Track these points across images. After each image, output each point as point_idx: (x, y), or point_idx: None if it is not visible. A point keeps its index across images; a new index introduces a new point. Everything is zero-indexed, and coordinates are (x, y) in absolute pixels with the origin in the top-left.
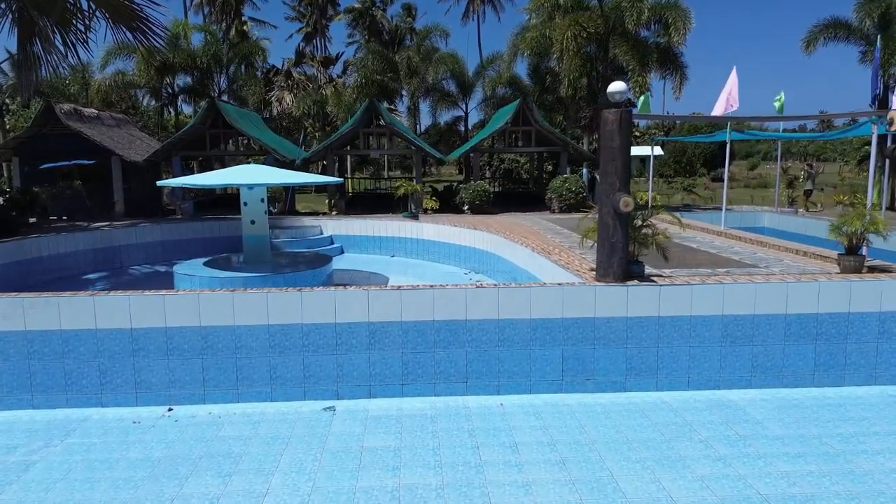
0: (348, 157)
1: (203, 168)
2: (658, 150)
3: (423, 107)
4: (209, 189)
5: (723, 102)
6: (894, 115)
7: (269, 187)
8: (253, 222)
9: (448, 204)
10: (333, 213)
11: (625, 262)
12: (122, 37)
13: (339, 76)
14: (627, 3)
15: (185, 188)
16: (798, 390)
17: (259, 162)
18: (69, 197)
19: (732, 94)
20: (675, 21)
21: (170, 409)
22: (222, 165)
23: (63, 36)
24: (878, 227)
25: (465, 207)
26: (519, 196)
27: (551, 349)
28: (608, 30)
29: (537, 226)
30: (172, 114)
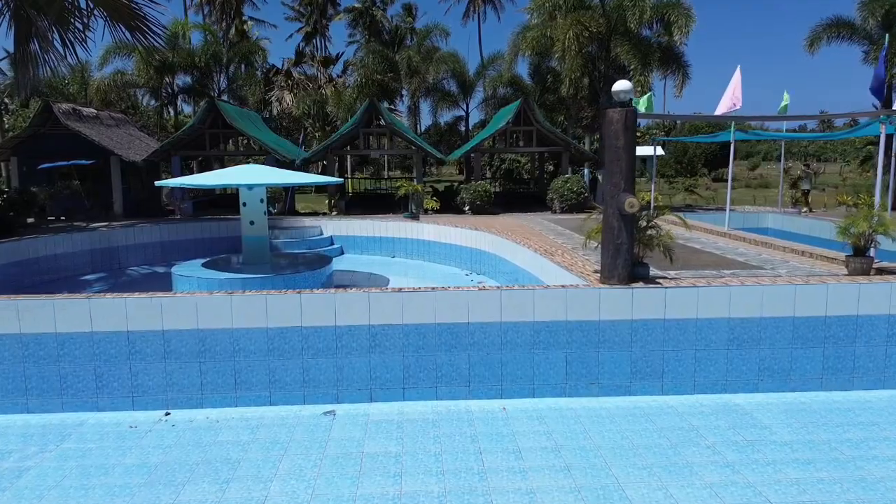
0: (348, 157)
1: (202, 168)
2: (660, 150)
3: (424, 107)
4: (208, 189)
5: (727, 101)
6: None
7: (269, 187)
8: (252, 223)
9: (449, 204)
10: (333, 213)
11: (630, 265)
12: (121, 36)
13: (339, 76)
14: (629, 1)
15: (185, 188)
16: (806, 394)
17: (259, 162)
18: (67, 197)
19: (736, 92)
20: (677, 20)
21: (167, 414)
22: (222, 165)
23: (61, 35)
24: (887, 227)
25: (466, 208)
26: (520, 196)
27: (555, 352)
28: (610, 29)
29: (539, 226)
30: (172, 113)
